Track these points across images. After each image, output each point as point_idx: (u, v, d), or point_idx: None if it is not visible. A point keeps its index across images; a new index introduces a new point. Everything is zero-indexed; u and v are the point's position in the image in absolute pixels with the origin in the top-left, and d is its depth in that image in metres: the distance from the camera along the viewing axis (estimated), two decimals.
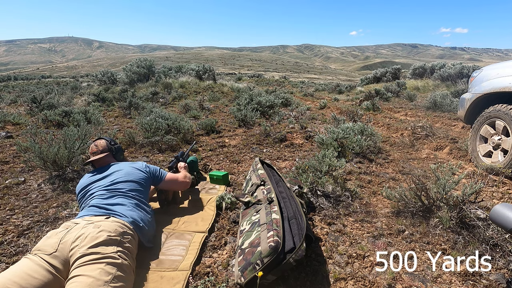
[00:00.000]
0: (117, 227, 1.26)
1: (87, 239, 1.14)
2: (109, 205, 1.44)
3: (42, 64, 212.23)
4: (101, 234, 1.18)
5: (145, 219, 1.47)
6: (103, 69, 12.61)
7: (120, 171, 1.67)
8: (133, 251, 1.27)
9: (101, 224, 1.25)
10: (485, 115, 2.72)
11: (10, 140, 3.39)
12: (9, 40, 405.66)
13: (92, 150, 1.84)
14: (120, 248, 1.18)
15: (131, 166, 1.74)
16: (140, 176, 1.68)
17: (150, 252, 1.42)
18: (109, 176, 1.64)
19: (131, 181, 1.62)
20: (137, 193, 1.59)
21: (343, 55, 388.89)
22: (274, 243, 1.19)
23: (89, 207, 1.45)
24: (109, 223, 1.28)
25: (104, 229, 1.21)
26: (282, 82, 22.14)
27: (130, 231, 1.32)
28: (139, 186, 1.63)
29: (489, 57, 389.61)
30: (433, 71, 11.73)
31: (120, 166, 1.73)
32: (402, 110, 6.44)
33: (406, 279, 1.30)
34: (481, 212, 1.73)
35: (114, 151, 1.88)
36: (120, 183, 1.59)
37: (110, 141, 1.93)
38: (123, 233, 1.26)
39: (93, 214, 1.36)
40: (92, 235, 1.16)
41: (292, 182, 1.99)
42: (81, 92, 9.60)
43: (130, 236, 1.30)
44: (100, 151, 1.82)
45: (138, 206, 1.52)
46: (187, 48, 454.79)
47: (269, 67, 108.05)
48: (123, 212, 1.41)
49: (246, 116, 4.50)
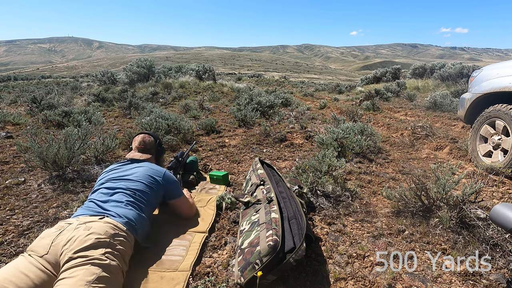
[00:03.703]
0: (109, 229, 1.24)
1: (75, 242, 1.13)
2: (106, 203, 1.41)
3: (42, 64, 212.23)
4: (90, 237, 1.16)
5: (139, 219, 1.42)
6: (103, 69, 12.61)
7: (138, 171, 1.60)
8: (125, 253, 1.24)
9: (92, 225, 1.22)
10: (485, 115, 2.72)
11: (10, 140, 3.40)
12: (9, 40, 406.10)
13: (137, 144, 1.76)
14: (109, 249, 1.16)
15: (150, 168, 1.66)
16: (151, 180, 1.59)
17: (150, 252, 1.42)
18: (126, 171, 1.61)
19: (140, 182, 1.55)
20: (141, 194, 1.52)
21: (343, 55, 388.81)
22: (273, 242, 1.19)
23: (88, 202, 1.44)
24: (101, 224, 1.25)
25: (94, 232, 1.19)
26: (282, 82, 22.14)
27: (123, 233, 1.28)
28: (147, 189, 1.55)
29: (489, 57, 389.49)
30: (433, 71, 11.73)
31: (142, 164, 1.68)
32: (402, 110, 6.44)
33: (406, 279, 1.30)
34: (481, 212, 1.73)
35: (158, 154, 1.81)
36: (129, 180, 1.55)
37: (158, 141, 1.83)
38: (114, 234, 1.24)
39: (87, 213, 1.34)
40: (81, 238, 1.15)
41: (292, 182, 1.99)
42: (81, 92, 9.60)
43: (123, 237, 1.26)
44: (145, 149, 1.75)
45: (135, 205, 1.46)
46: (187, 48, 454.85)
47: (269, 67, 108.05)
48: (118, 211, 1.37)
49: (246, 116, 4.50)
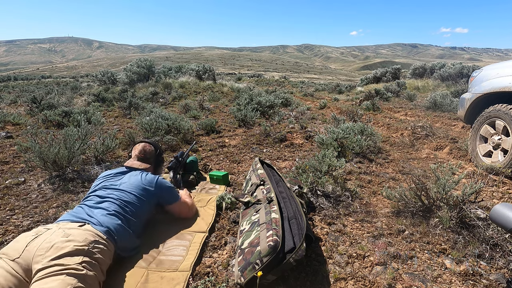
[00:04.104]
0: (88, 236, 1.21)
1: (51, 249, 1.09)
2: (93, 210, 1.38)
3: (42, 64, 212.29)
4: (68, 245, 1.12)
5: (121, 230, 1.35)
6: (103, 69, 12.61)
7: (131, 182, 1.58)
8: (104, 262, 1.20)
9: (71, 232, 1.19)
10: (485, 115, 2.72)
11: (10, 140, 3.40)
12: (9, 40, 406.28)
13: (137, 152, 1.74)
14: (86, 258, 1.13)
15: (144, 178, 1.63)
16: (143, 193, 1.56)
17: (150, 252, 1.42)
18: (119, 180, 1.60)
19: (131, 193, 1.52)
20: (130, 206, 1.47)
21: (343, 55, 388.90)
22: (273, 242, 1.19)
23: (77, 207, 1.42)
24: (80, 231, 1.22)
25: (72, 239, 1.16)
26: (282, 82, 22.14)
27: (104, 241, 1.25)
28: (137, 201, 1.51)
29: (489, 57, 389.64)
30: (433, 71, 11.74)
31: (137, 173, 1.66)
32: (402, 110, 6.44)
33: (406, 279, 1.30)
34: (481, 212, 1.73)
35: (157, 164, 1.80)
36: (120, 190, 1.52)
37: (159, 151, 1.82)
38: (94, 242, 1.20)
39: (69, 219, 1.31)
40: (57, 245, 1.11)
41: (292, 182, 1.99)
42: (81, 92, 9.60)
43: (103, 245, 1.23)
44: (145, 158, 1.74)
45: (121, 216, 1.41)
46: (187, 48, 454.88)
47: (269, 67, 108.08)
48: (101, 219, 1.33)
49: (246, 116, 4.50)
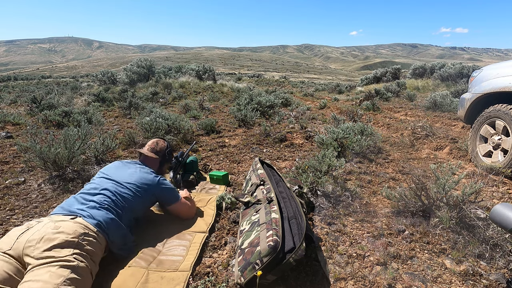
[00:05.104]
0: (78, 228, 1.21)
1: (42, 241, 1.11)
2: (86, 202, 1.38)
3: (42, 64, 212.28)
4: (57, 236, 1.13)
5: (112, 224, 1.35)
6: (103, 69, 12.62)
7: (132, 176, 1.59)
8: (94, 253, 1.22)
9: (62, 224, 1.20)
10: (485, 115, 2.72)
11: (10, 140, 3.39)
12: (9, 40, 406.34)
13: (150, 143, 1.88)
14: (77, 250, 1.14)
15: (146, 173, 1.65)
16: (139, 189, 1.56)
17: (150, 252, 1.42)
18: (121, 172, 1.61)
19: (128, 188, 1.52)
20: (125, 201, 1.47)
21: (343, 55, 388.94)
22: (273, 242, 1.19)
23: (71, 198, 1.43)
24: (71, 224, 1.23)
25: (63, 231, 1.17)
26: (282, 82, 22.14)
27: (93, 233, 1.26)
28: (133, 196, 1.52)
29: (489, 57, 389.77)
30: (433, 71, 11.73)
31: (140, 167, 1.68)
32: (402, 110, 6.44)
33: (406, 279, 1.30)
34: (481, 212, 1.73)
35: (163, 159, 1.88)
36: (118, 183, 1.52)
37: (170, 149, 1.94)
38: (84, 234, 1.21)
39: (61, 212, 1.32)
40: (47, 236, 1.12)
41: (292, 182, 1.99)
42: (81, 92, 9.59)
43: (93, 237, 1.24)
44: (155, 150, 1.84)
45: (113, 210, 1.40)
46: (187, 48, 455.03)
47: (269, 67, 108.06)
48: (92, 212, 1.33)
49: (246, 116, 4.50)
